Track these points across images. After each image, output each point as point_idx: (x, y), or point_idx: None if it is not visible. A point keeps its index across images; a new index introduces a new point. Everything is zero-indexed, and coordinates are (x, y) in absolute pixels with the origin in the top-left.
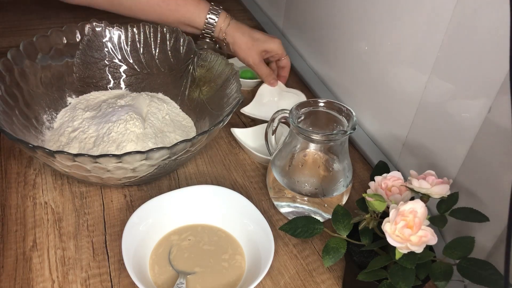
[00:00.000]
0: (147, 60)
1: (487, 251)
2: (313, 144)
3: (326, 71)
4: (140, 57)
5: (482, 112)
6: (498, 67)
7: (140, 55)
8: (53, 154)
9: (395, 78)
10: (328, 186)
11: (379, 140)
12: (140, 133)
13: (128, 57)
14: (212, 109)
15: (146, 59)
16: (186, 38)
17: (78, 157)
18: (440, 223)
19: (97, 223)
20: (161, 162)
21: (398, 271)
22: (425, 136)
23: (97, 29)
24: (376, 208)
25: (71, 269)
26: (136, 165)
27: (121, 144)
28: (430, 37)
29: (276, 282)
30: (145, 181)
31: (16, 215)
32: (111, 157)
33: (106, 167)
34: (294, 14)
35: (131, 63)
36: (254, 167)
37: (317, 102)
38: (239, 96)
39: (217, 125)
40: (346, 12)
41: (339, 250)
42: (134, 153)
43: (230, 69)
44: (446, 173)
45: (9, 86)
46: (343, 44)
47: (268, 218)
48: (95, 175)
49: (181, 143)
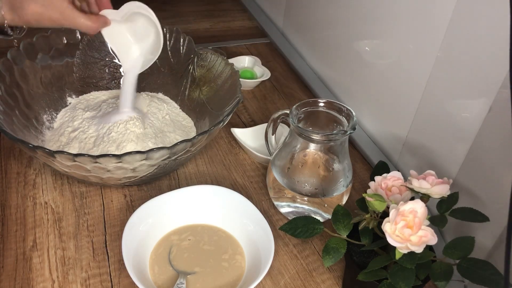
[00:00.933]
0: None
1: (487, 251)
2: (313, 144)
3: (326, 71)
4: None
5: (482, 112)
6: (498, 67)
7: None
8: (53, 154)
9: (395, 78)
10: (328, 186)
11: (379, 140)
12: (140, 133)
13: None
14: (212, 109)
15: None
16: (186, 38)
17: (78, 157)
18: (440, 223)
19: (97, 223)
20: (161, 162)
21: (398, 271)
22: (425, 136)
23: None
24: (376, 208)
25: (71, 269)
26: (136, 165)
27: (121, 144)
28: (430, 37)
29: (276, 282)
30: (145, 181)
31: (16, 215)
32: (111, 157)
33: (106, 167)
34: (294, 14)
35: None
36: (254, 167)
37: (317, 102)
38: (239, 96)
39: (217, 125)
40: (346, 12)
41: (339, 250)
42: (134, 153)
43: (230, 69)
44: (446, 173)
45: (9, 86)
46: (343, 44)
47: (268, 218)
48: (95, 175)
49: (181, 143)
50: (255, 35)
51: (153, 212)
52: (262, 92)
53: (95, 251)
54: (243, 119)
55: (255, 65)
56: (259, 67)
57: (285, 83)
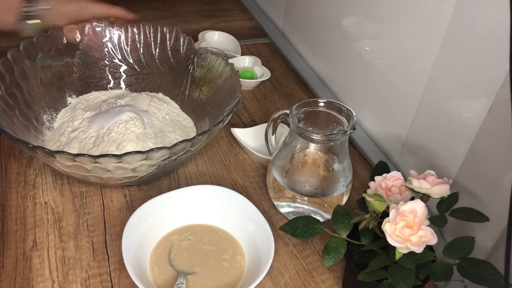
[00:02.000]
0: (147, 60)
1: (487, 251)
2: (313, 144)
3: (326, 71)
4: (140, 57)
5: (482, 112)
6: (498, 67)
7: (140, 55)
8: (53, 154)
9: (395, 78)
10: (328, 186)
11: (379, 140)
12: (140, 133)
13: (128, 57)
14: (212, 109)
15: (146, 59)
16: (186, 38)
17: (78, 157)
18: (440, 223)
19: (97, 223)
20: (161, 162)
21: (398, 271)
22: (425, 136)
23: (97, 29)
24: (376, 208)
25: (71, 269)
26: (136, 165)
27: (121, 144)
28: (430, 37)
29: (276, 282)
30: (145, 181)
31: (16, 215)
32: (111, 157)
33: (106, 167)
34: (294, 14)
35: (131, 63)
36: (254, 167)
37: (317, 102)
38: (239, 96)
39: (217, 125)
40: (346, 12)
41: (339, 250)
42: (134, 153)
43: (230, 69)
44: (446, 173)
45: (9, 86)
46: (343, 44)
47: (268, 218)
48: (95, 175)
49: (181, 143)
50: (255, 35)
51: (153, 212)
52: (262, 92)
53: (95, 251)
54: (243, 119)
55: (255, 65)
56: (259, 67)
57: (285, 83)
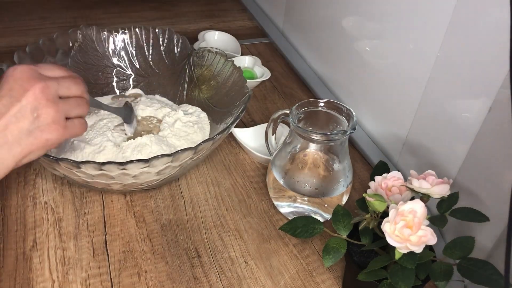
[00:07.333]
0: (141, 62)
1: (487, 251)
2: (313, 144)
3: (326, 71)
4: (132, 60)
5: (482, 112)
6: (498, 67)
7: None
8: (78, 165)
9: (395, 78)
10: (328, 186)
11: (379, 140)
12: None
13: (123, 60)
14: (215, 107)
15: (140, 61)
16: (180, 38)
17: (105, 165)
18: (440, 223)
19: (97, 223)
20: (184, 162)
21: (398, 271)
22: (425, 136)
23: (89, 34)
24: (376, 208)
25: (71, 269)
26: (161, 167)
27: (136, 148)
28: (430, 37)
29: (276, 282)
30: (165, 183)
31: (16, 215)
32: (138, 163)
33: (132, 173)
34: (294, 14)
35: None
36: (254, 167)
37: (317, 102)
38: (249, 91)
39: (237, 118)
40: (346, 12)
41: (339, 250)
42: (161, 156)
43: (232, 65)
44: (446, 173)
45: None
46: (343, 44)
47: (268, 218)
48: (119, 182)
49: (203, 142)
50: (255, 35)
51: None
52: (262, 92)
53: (95, 251)
54: (243, 119)
55: (255, 65)
56: (259, 67)
57: (285, 83)
